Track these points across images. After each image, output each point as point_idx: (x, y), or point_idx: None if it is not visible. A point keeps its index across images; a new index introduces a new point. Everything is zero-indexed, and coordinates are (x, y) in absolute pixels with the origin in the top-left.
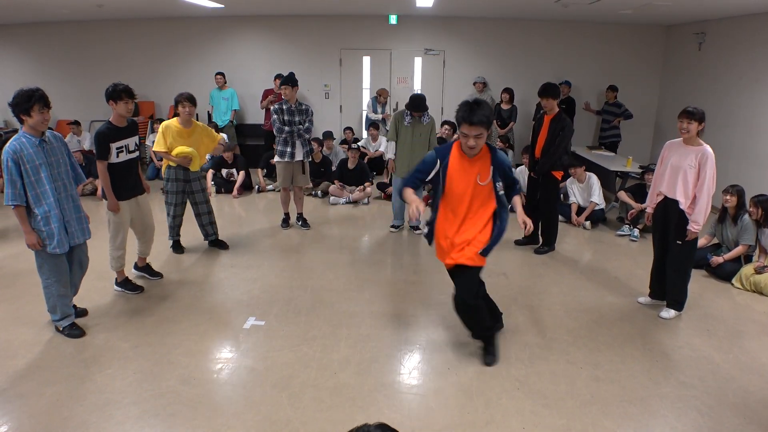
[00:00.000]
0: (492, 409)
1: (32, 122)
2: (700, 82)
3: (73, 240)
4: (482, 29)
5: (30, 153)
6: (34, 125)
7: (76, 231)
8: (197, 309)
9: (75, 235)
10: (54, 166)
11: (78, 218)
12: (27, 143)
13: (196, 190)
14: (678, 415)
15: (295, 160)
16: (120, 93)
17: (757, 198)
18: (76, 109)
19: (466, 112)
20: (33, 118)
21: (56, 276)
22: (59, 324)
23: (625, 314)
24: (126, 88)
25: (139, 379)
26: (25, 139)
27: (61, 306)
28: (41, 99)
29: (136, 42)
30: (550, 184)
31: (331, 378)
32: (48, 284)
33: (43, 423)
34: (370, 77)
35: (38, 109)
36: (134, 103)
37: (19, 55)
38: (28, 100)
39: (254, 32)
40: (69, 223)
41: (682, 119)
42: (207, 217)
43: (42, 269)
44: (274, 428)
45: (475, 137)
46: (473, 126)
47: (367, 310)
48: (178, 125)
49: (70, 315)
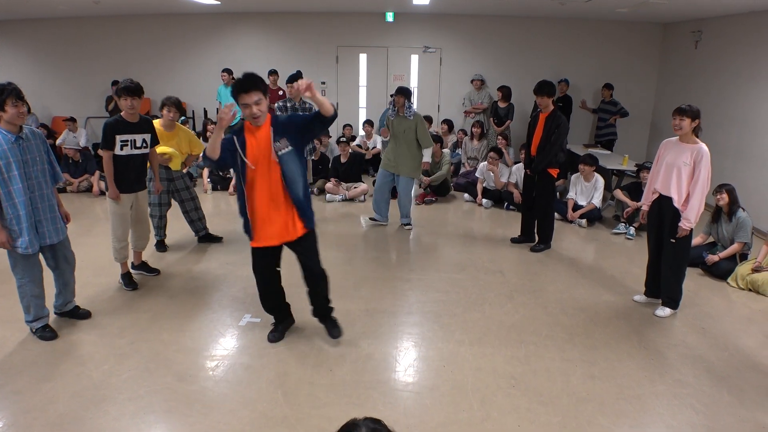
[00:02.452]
0: (487, 407)
1: (7, 117)
2: (696, 80)
3: (44, 240)
4: (479, 27)
5: (3, 150)
6: (10, 119)
7: (49, 231)
8: (193, 306)
9: (47, 235)
10: (29, 164)
11: (52, 218)
12: (2, 139)
13: (181, 188)
14: (673, 412)
15: None
16: (120, 91)
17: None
18: (72, 106)
19: (238, 82)
20: (7, 113)
21: (29, 276)
22: (32, 325)
23: (620, 312)
24: (126, 87)
25: (135, 375)
26: (1, 135)
27: (35, 307)
28: (13, 91)
29: (133, 39)
30: (546, 182)
31: (326, 375)
32: (22, 284)
33: (39, 419)
34: (366, 75)
35: (11, 102)
36: (135, 100)
37: (15, 52)
38: (0, 95)
39: (251, 29)
40: (40, 223)
41: (675, 116)
42: (195, 213)
43: (15, 269)
44: (269, 425)
45: (255, 103)
46: (250, 92)
47: (362, 307)
48: (160, 127)
49: (43, 317)
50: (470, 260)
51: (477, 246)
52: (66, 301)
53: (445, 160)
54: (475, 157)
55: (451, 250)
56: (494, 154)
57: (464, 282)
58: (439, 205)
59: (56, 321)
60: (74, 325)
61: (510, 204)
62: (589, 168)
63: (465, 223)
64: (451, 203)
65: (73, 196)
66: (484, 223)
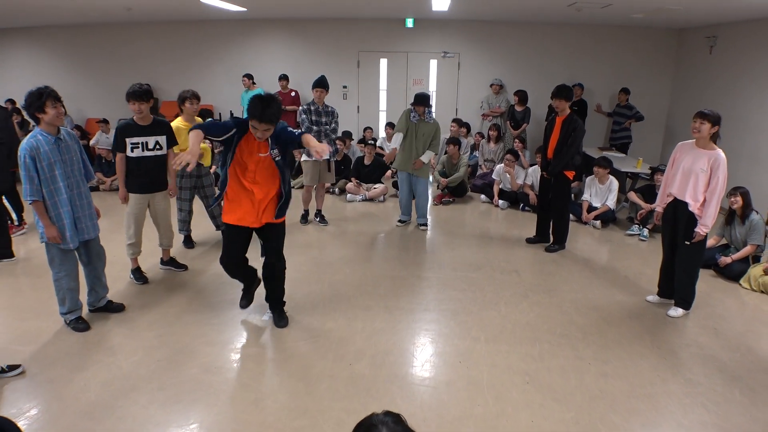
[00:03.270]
0: (502, 402)
1: (48, 118)
2: (711, 84)
3: (83, 236)
4: (496, 32)
5: (45, 150)
6: (50, 120)
7: (87, 227)
8: (218, 301)
9: (86, 231)
10: (68, 163)
11: (90, 214)
12: (43, 141)
13: (207, 184)
14: (685, 411)
15: (323, 159)
16: (127, 96)
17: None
18: (105, 108)
19: (257, 110)
20: (48, 114)
21: (66, 270)
22: (66, 317)
23: (633, 312)
24: (132, 92)
25: (163, 366)
26: (42, 137)
27: (70, 299)
28: (51, 94)
29: (163, 44)
30: (562, 184)
31: (346, 369)
32: (58, 277)
33: (72, 407)
34: (386, 79)
35: (51, 103)
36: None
37: (51, 57)
38: (40, 98)
39: (276, 35)
40: (79, 219)
41: (696, 119)
42: (218, 209)
43: (53, 263)
44: (291, 416)
45: (263, 131)
46: (263, 123)
47: (381, 304)
48: (184, 123)
49: (77, 309)
50: (486, 260)
51: (493, 246)
52: (99, 297)
53: (463, 162)
54: (491, 159)
55: (468, 249)
56: (511, 157)
57: (480, 281)
58: (457, 205)
59: (88, 314)
60: (106, 318)
61: (525, 205)
62: (603, 171)
63: (481, 223)
64: (468, 204)
65: (105, 194)
66: (500, 223)
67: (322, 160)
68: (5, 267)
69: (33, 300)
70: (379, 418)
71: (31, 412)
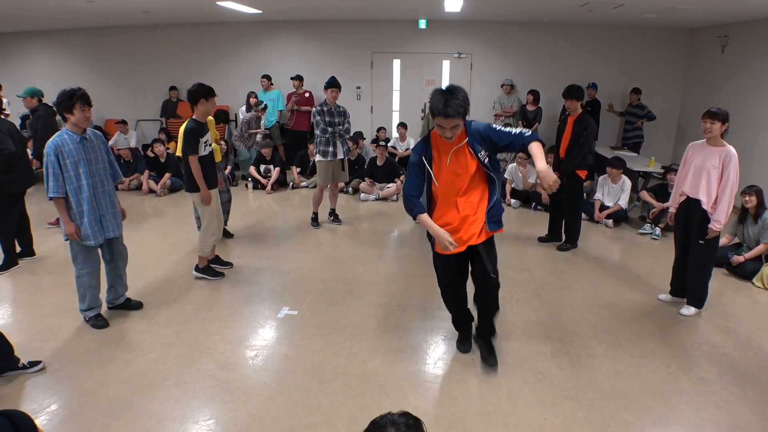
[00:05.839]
0: (514, 400)
1: (74, 119)
2: (723, 84)
3: (108, 233)
4: (508, 33)
5: (70, 149)
6: (76, 122)
7: (112, 225)
8: (235, 299)
9: (110, 229)
10: (92, 162)
11: (114, 213)
12: (68, 140)
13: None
14: (697, 409)
15: (337, 159)
16: (195, 95)
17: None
18: (123, 109)
19: (439, 104)
20: (75, 116)
21: (89, 267)
22: (86, 314)
23: (645, 310)
24: (202, 90)
25: (180, 363)
26: (67, 135)
27: (90, 297)
28: (83, 97)
29: (180, 45)
30: (574, 183)
31: (360, 366)
32: (81, 275)
33: (90, 402)
34: (399, 79)
35: (80, 107)
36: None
37: (71, 59)
38: (71, 98)
39: (290, 36)
40: (104, 217)
41: (706, 119)
42: (226, 206)
43: (76, 260)
44: (305, 412)
45: (452, 129)
46: (448, 118)
47: (394, 302)
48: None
49: (97, 307)
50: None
51: (505, 244)
52: (118, 294)
53: None
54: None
55: None
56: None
57: None
58: None
59: (107, 311)
60: (124, 315)
61: (537, 204)
62: (616, 171)
63: None
64: None
65: (123, 194)
66: (512, 222)
67: (336, 160)
68: (27, 265)
69: (54, 297)
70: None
71: (52, 407)
